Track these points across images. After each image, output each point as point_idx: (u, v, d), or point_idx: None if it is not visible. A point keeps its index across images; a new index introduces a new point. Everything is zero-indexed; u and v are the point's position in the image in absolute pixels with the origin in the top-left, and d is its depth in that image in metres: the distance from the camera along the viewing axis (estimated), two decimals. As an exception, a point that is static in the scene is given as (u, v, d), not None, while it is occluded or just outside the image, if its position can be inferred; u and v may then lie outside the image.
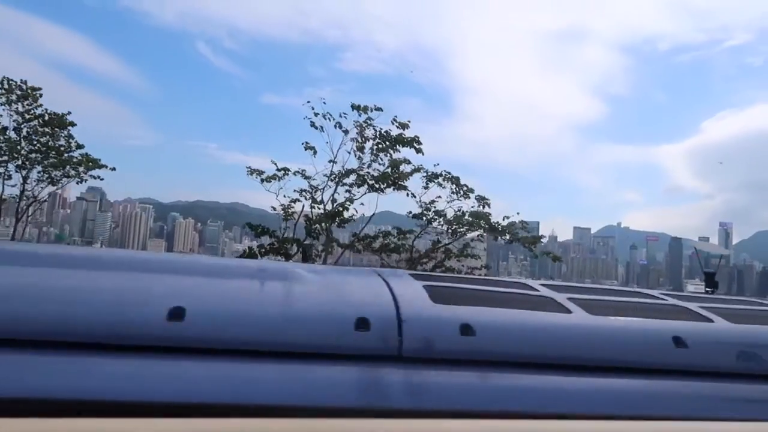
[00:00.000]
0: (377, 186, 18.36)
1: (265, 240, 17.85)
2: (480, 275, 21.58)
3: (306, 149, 17.83)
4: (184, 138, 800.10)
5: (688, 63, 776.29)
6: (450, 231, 20.14)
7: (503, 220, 20.05)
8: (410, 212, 19.89)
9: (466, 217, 19.63)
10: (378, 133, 17.71)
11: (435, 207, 19.60)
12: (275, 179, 17.62)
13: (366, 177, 18.23)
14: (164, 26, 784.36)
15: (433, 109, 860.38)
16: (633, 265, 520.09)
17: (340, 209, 17.94)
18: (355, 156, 17.90)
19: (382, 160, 18.16)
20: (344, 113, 17.51)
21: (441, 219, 19.76)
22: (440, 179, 18.98)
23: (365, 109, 17.39)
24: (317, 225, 17.80)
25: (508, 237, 20.94)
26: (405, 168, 18.42)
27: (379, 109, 17.62)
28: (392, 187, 18.72)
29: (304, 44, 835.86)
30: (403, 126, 17.77)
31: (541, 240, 25.19)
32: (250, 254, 18.05)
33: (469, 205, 19.64)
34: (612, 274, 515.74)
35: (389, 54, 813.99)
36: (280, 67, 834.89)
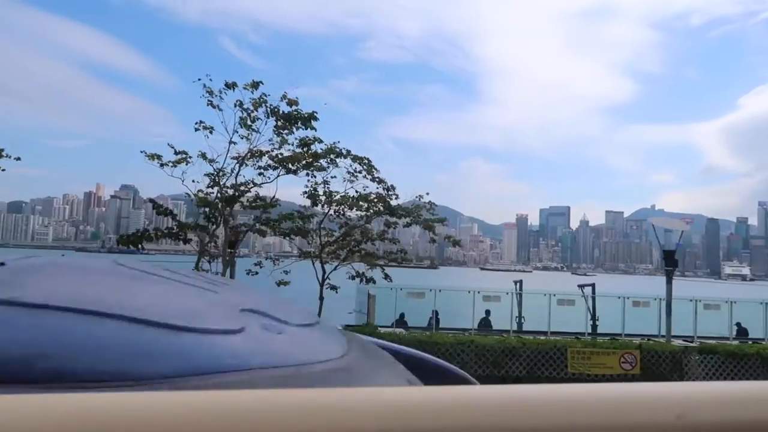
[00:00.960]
0: (291, 168, 17.43)
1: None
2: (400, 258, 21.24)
3: (197, 129, 16.61)
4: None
5: (722, 37, 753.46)
6: (337, 213, 19.66)
7: (424, 201, 19.38)
8: (304, 193, 18.92)
9: (360, 201, 18.82)
10: (270, 110, 16.58)
11: (328, 188, 18.78)
12: (183, 163, 16.41)
13: (277, 158, 17.24)
14: (188, 23, 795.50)
15: (456, 95, 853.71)
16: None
17: (237, 193, 17.09)
18: (244, 135, 16.72)
19: (286, 139, 17.05)
20: (225, 89, 16.27)
21: (334, 202, 18.94)
22: (341, 159, 17.89)
23: (255, 85, 16.37)
24: (214, 209, 16.81)
25: (407, 221, 20.20)
26: (317, 148, 17.42)
27: (258, 84, 16.35)
28: (309, 169, 17.86)
29: (326, 35, 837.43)
30: (292, 103, 16.60)
31: (444, 223, 24.10)
32: (144, 236, 16.92)
33: (376, 188, 18.89)
34: (646, 258, 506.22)
35: (411, 42, 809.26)
36: (303, 59, 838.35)
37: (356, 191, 18.71)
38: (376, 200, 19.05)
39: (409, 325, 21.49)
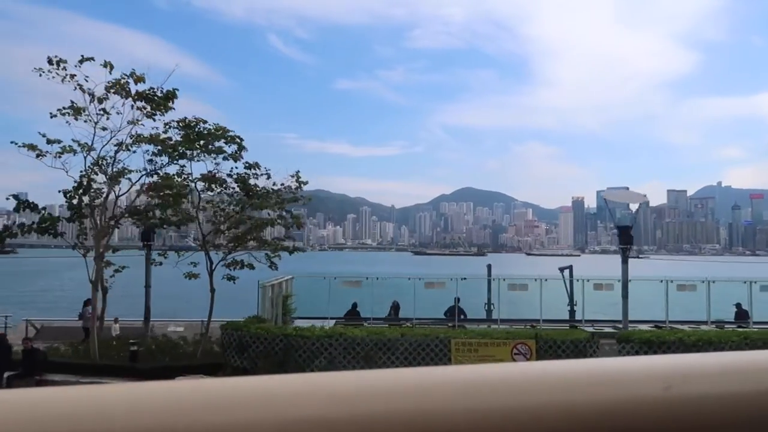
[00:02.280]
0: (183, 153, 16.78)
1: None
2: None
3: (53, 115, 15.75)
4: (264, 130, 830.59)
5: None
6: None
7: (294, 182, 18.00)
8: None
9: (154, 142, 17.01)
10: (124, 90, 15.71)
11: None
12: (69, 153, 15.86)
13: (164, 143, 16.55)
14: (234, 22, 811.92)
15: (507, 78, 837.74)
16: (736, 227, 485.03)
17: (86, 181, 16.20)
18: (89, 118, 15.86)
19: (137, 120, 16.16)
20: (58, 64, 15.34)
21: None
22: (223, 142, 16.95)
23: (109, 65, 15.57)
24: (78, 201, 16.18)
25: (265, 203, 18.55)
26: (204, 128, 16.71)
27: (110, 64, 15.46)
28: (204, 153, 17.15)
29: (371, 26, 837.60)
30: (138, 80, 15.68)
31: (301, 202, 20.86)
32: (8, 233, 16.62)
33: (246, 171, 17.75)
34: (713, 238, 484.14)
35: (458, 27, 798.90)
36: (350, 51, 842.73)
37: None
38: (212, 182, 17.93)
39: (362, 315, 20.76)
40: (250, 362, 15.75)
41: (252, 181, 18.09)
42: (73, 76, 15.63)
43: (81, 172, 16.39)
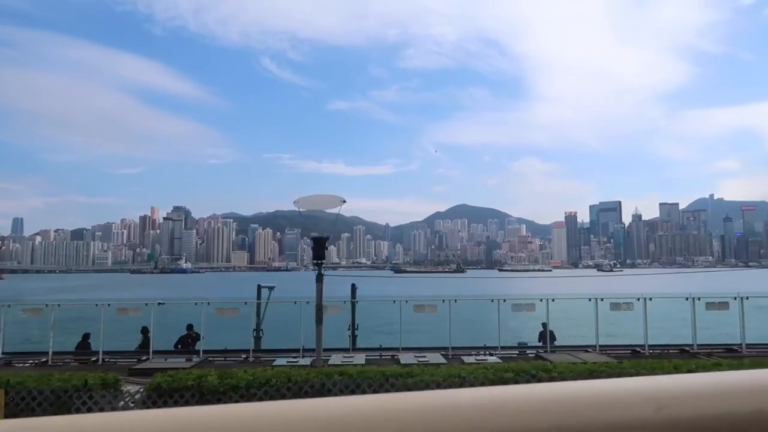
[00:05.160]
0: None
1: None
2: None
3: None
4: (261, 151, 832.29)
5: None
6: None
7: None
8: None
9: None
10: None
11: None
12: None
13: None
14: (230, 46, 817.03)
15: (502, 96, 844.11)
16: (729, 239, 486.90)
17: None
18: None
19: None
20: None
21: None
22: None
23: None
24: None
25: None
26: None
27: None
28: None
29: (364, 47, 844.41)
30: None
31: None
32: None
33: None
34: (706, 250, 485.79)
35: (450, 46, 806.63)
36: (343, 72, 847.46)
37: None
38: None
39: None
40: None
41: None
42: None
43: None
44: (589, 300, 19.99)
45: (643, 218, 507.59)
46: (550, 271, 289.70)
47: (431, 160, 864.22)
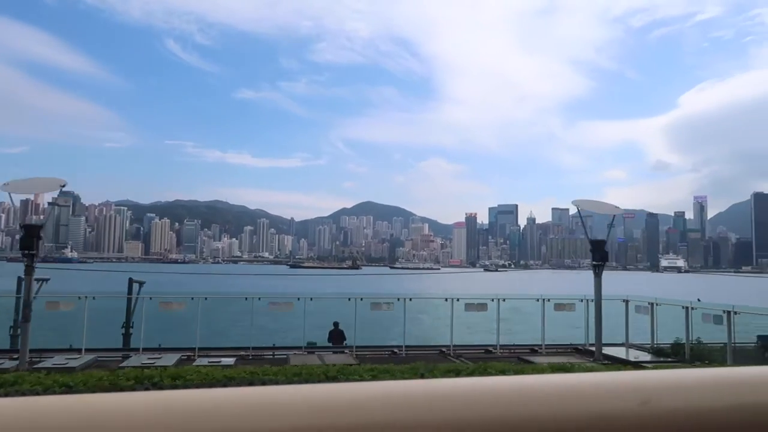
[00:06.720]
0: None
1: None
2: None
3: None
4: (162, 137, 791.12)
5: (661, 37, 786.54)
6: None
7: None
8: None
9: None
10: None
11: None
12: None
13: None
14: (130, 23, 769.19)
15: (410, 96, 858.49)
16: (611, 244, 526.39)
17: None
18: None
19: None
20: None
21: None
22: None
23: None
24: None
25: None
26: None
27: None
28: None
29: (275, 37, 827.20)
30: None
31: None
32: None
33: None
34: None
35: (362, 44, 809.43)
36: (253, 61, 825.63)
37: None
38: None
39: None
40: None
41: None
42: None
43: None
44: (446, 300, 20.13)
45: (537, 222, 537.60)
46: (438, 269, 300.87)
47: (340, 155, 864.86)
